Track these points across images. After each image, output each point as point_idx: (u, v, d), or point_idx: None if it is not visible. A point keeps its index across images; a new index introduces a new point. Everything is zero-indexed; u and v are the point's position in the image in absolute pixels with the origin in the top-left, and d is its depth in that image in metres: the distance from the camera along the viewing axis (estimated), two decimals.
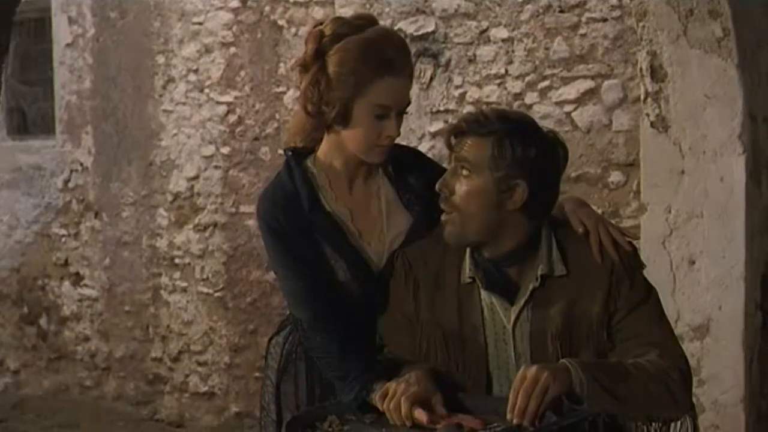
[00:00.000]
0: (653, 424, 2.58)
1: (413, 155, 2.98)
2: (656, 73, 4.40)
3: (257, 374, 6.42)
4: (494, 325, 2.61)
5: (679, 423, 2.58)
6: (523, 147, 2.55)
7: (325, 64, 2.70)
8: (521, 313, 2.58)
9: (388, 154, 2.78)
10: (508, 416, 2.37)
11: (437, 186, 2.58)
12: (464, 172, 2.55)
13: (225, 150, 6.52)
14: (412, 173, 2.82)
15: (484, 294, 2.61)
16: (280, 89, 6.27)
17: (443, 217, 2.60)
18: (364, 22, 2.79)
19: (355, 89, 2.66)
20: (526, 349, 2.57)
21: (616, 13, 5.03)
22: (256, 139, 6.39)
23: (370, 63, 2.67)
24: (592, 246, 2.60)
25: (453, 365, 2.62)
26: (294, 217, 2.73)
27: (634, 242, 2.72)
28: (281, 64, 6.25)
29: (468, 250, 2.64)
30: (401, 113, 2.74)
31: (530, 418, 2.35)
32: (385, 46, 2.70)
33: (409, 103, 2.77)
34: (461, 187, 2.55)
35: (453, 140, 2.58)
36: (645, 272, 2.68)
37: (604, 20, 5.07)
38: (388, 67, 2.68)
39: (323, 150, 2.81)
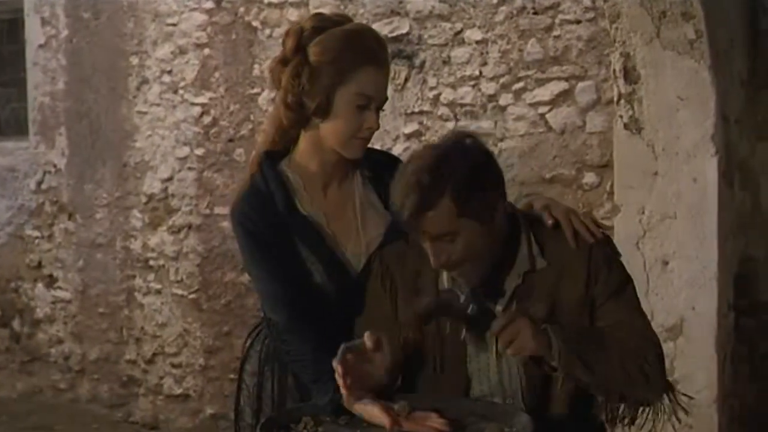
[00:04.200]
0: (623, 404, 2.60)
1: (390, 158, 2.99)
2: (629, 74, 4.42)
3: (232, 376, 6.40)
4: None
5: (648, 409, 2.60)
6: (473, 175, 2.50)
7: (306, 55, 2.71)
8: (504, 311, 2.58)
9: (364, 150, 2.79)
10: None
11: (436, 265, 2.54)
12: (446, 239, 2.52)
13: (199, 151, 6.50)
14: (390, 175, 2.77)
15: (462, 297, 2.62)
16: (255, 90, 6.25)
17: (452, 275, 2.58)
18: (343, 18, 2.82)
19: (338, 77, 2.68)
20: None
21: (590, 15, 5.04)
22: (230, 140, 6.37)
23: (352, 51, 2.69)
24: (566, 233, 2.61)
25: (431, 367, 2.62)
26: (269, 218, 2.73)
27: (608, 232, 2.74)
28: (256, 66, 6.23)
29: None
30: (379, 109, 2.75)
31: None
32: (367, 36, 2.74)
33: (386, 99, 2.77)
34: (455, 249, 2.51)
35: (412, 224, 2.50)
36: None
37: (578, 22, 5.08)
38: (370, 57, 2.71)
39: (299, 151, 2.81)
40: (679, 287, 4.34)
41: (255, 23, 6.23)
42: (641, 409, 2.60)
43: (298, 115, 2.76)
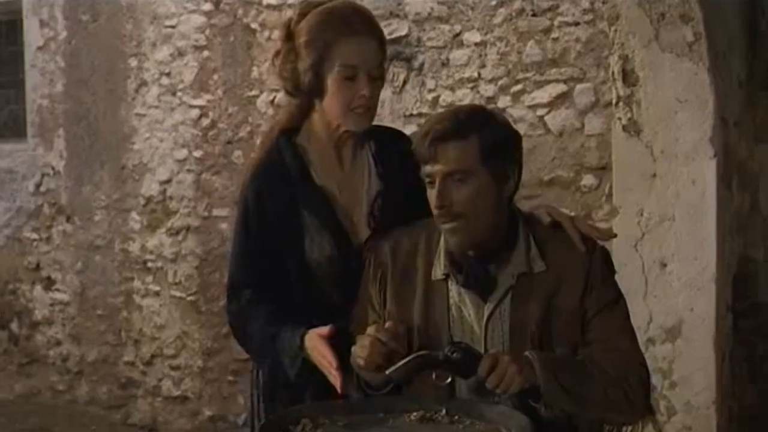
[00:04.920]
0: (606, 426, 2.62)
1: (396, 133, 3.05)
2: (628, 76, 4.42)
3: (230, 378, 6.41)
4: (462, 323, 2.62)
5: (630, 428, 2.63)
6: (499, 135, 2.59)
7: (293, 40, 2.83)
8: (495, 310, 2.59)
9: (369, 121, 2.86)
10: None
11: (437, 205, 2.57)
12: (457, 177, 2.54)
13: (198, 153, 6.50)
14: (391, 149, 2.90)
15: (453, 292, 2.62)
16: (253, 93, 6.26)
17: (445, 227, 2.58)
18: (327, 1, 2.89)
19: (320, 53, 2.77)
20: (499, 346, 2.57)
21: (589, 17, 5.05)
22: (229, 142, 6.38)
23: (328, 26, 2.79)
24: (572, 236, 2.62)
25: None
26: (275, 187, 2.82)
27: (607, 244, 2.74)
28: (254, 68, 6.24)
29: (442, 246, 2.64)
30: (373, 77, 2.81)
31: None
32: (344, 10, 2.83)
33: (378, 64, 2.83)
34: (461, 194, 2.53)
35: (431, 150, 2.56)
36: (618, 276, 2.70)
37: (577, 24, 5.09)
38: (348, 28, 2.79)
39: (312, 126, 2.89)
40: (678, 289, 4.33)
41: (253, 25, 6.24)
42: (624, 428, 2.64)
43: (301, 101, 2.86)
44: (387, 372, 2.45)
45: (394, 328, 2.52)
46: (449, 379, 2.48)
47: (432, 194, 2.56)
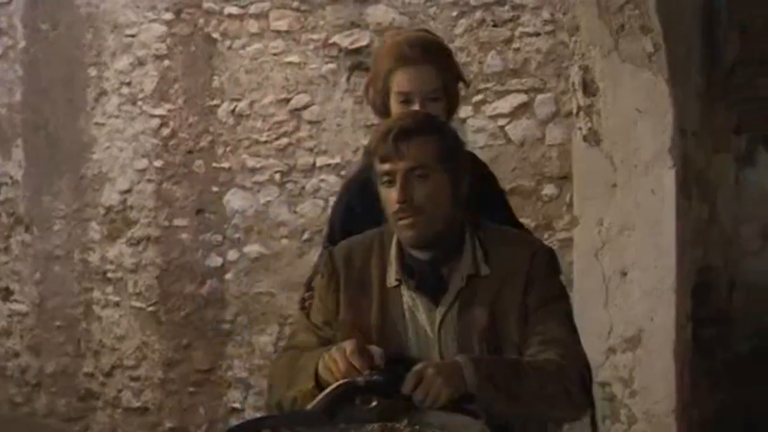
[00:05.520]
0: (549, 424, 2.63)
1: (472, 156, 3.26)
2: (588, 87, 4.45)
3: (191, 389, 6.37)
4: (417, 328, 2.63)
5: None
6: (456, 139, 2.68)
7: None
8: (447, 314, 2.60)
9: None
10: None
11: (400, 200, 2.59)
12: (418, 173, 2.56)
13: (158, 163, 6.47)
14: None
15: (407, 297, 2.63)
16: (214, 102, 6.23)
17: (403, 223, 2.60)
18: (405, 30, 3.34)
19: (384, 82, 3.10)
20: (452, 350, 2.58)
21: (549, 27, 5.08)
22: (189, 152, 6.35)
23: (389, 56, 3.12)
24: None
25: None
26: (363, 198, 3.01)
27: (568, 253, 2.77)
28: (215, 77, 6.22)
29: (395, 252, 2.65)
30: (429, 99, 3.05)
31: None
32: (401, 43, 3.13)
33: (435, 89, 3.07)
34: (422, 190, 2.57)
35: (394, 147, 2.58)
36: (578, 285, 2.72)
37: (537, 35, 5.11)
38: (401, 59, 3.07)
39: None
40: (638, 298, 4.36)
41: (215, 35, 6.22)
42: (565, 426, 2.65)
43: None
44: (309, 406, 2.45)
45: (359, 347, 2.52)
46: (374, 402, 2.47)
47: (391, 191, 2.58)
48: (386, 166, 2.59)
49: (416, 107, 3.02)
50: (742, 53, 4.63)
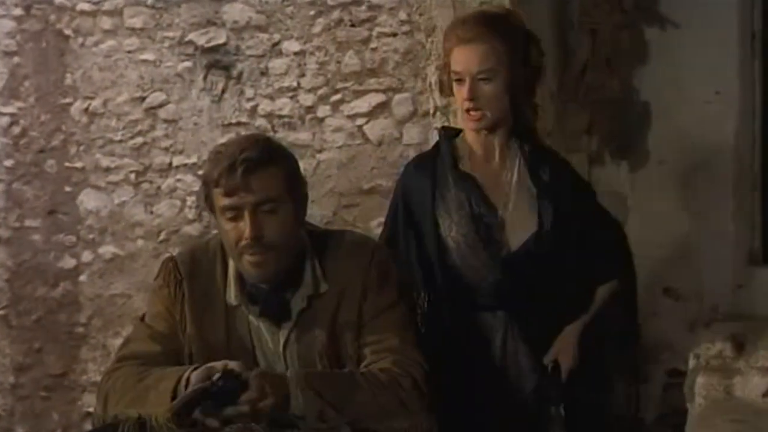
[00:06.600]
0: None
1: (554, 153, 3.40)
2: (444, 87, 4.50)
3: (43, 394, 6.23)
4: (262, 348, 2.62)
5: None
6: (296, 162, 2.66)
7: None
8: (290, 335, 2.59)
9: (478, 124, 3.21)
10: None
11: (252, 236, 2.53)
12: (266, 207, 2.51)
13: (8, 163, 6.30)
14: (546, 166, 3.22)
15: (251, 317, 2.61)
16: (67, 100, 6.10)
17: (252, 260, 2.56)
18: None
19: (445, 62, 3.23)
20: (297, 367, 2.58)
21: (406, 28, 5.12)
22: (41, 151, 6.20)
23: (448, 36, 3.22)
24: None
25: None
26: (422, 178, 3.25)
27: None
28: (68, 75, 6.09)
29: (234, 274, 2.62)
30: (481, 79, 3.12)
31: None
32: (459, 24, 3.22)
33: (488, 69, 3.13)
34: (272, 226, 2.52)
35: (243, 181, 2.51)
36: None
37: (395, 35, 5.16)
38: (457, 39, 3.15)
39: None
40: None
41: (67, 31, 6.09)
42: None
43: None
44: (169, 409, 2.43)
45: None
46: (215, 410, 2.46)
47: (237, 226, 2.52)
48: (231, 200, 2.52)
49: (466, 88, 3.09)
50: (592, 57, 4.75)
